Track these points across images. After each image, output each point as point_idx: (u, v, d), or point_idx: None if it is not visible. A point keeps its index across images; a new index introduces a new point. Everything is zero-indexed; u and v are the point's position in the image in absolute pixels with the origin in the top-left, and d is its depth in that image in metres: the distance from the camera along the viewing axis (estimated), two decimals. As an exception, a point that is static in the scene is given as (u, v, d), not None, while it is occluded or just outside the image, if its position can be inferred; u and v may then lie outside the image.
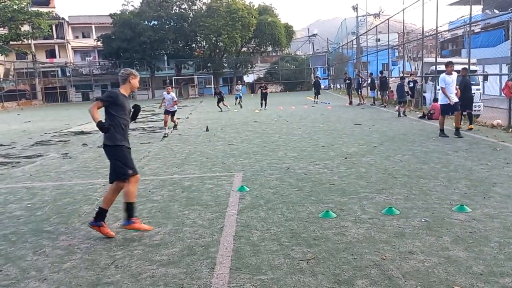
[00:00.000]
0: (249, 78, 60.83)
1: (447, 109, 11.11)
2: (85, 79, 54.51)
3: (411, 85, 19.29)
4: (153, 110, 27.45)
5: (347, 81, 27.12)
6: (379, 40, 37.24)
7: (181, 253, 4.28)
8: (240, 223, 5.07)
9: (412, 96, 19.46)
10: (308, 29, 66.31)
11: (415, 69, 29.70)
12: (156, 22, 49.87)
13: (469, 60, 17.28)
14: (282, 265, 3.88)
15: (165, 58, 53.98)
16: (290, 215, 5.26)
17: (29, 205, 6.29)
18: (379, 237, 4.44)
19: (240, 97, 28.04)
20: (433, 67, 21.54)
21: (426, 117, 15.29)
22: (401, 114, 16.71)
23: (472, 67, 18.46)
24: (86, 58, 59.77)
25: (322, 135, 12.44)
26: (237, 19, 47.39)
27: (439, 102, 11.44)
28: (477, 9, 39.28)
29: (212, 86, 50.83)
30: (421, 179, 6.73)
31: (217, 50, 52.17)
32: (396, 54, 50.76)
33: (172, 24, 50.82)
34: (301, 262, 3.91)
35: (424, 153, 8.93)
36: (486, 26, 35.93)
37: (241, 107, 25.88)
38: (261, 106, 23.99)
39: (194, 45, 53.92)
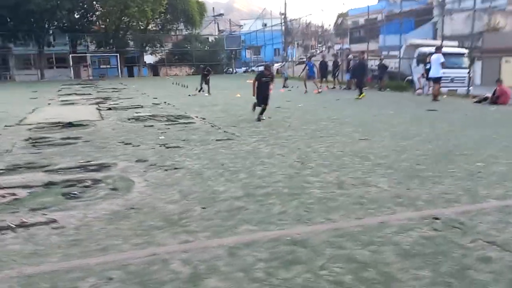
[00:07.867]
0: (150, 59, 54.95)
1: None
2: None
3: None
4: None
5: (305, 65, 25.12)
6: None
7: None
8: None
9: (381, 78, 21.28)
10: (214, 8, 62.58)
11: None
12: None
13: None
14: None
15: (52, 33, 44.98)
16: None
17: None
18: None
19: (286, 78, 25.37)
20: (422, 49, 20.76)
21: (488, 101, 13.99)
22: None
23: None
24: None
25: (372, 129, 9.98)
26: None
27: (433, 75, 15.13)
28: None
29: (118, 65, 44.47)
30: None
31: (122, 25, 45.47)
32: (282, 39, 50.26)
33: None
34: None
35: None
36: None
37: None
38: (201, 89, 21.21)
39: (94, 17, 46.33)
